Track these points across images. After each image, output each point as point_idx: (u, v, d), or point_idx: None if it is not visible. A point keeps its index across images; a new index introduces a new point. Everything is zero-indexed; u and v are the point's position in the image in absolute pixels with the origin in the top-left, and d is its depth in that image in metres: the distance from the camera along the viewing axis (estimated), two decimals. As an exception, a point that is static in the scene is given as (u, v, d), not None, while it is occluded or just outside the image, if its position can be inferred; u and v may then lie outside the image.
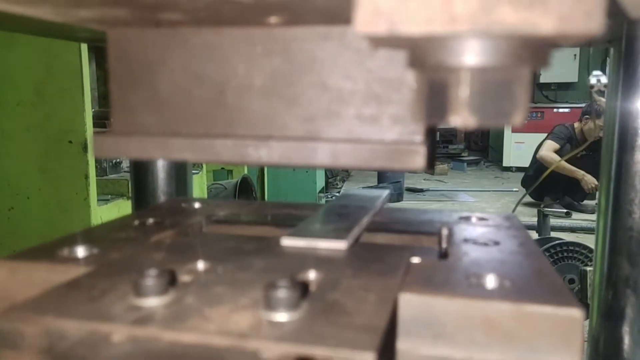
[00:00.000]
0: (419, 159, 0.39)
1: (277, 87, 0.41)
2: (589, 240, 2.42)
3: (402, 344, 0.37)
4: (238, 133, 0.42)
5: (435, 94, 0.31)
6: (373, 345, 0.29)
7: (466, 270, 0.43)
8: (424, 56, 0.30)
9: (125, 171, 2.62)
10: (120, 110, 0.44)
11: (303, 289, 0.34)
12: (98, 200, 1.98)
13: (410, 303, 0.37)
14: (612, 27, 0.87)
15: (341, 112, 0.41)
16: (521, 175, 5.42)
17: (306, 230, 0.52)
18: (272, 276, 0.39)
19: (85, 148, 1.22)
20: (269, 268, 0.42)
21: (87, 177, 1.27)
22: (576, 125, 4.53)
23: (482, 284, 0.39)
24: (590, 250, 2.36)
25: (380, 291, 0.36)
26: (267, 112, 0.42)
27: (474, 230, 0.58)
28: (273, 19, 0.40)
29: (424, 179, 6.80)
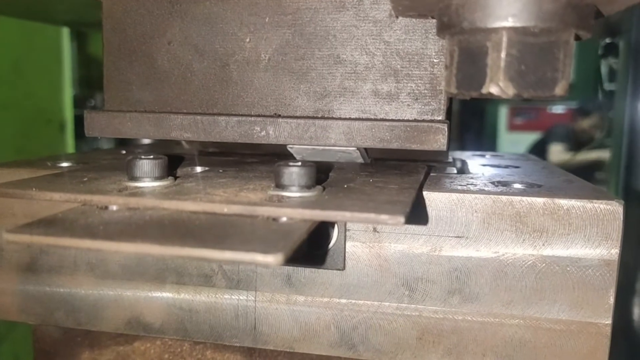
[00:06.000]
0: (441, 139, 0.36)
1: (286, 61, 0.38)
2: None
3: (424, 246, 0.34)
4: (243, 111, 0.39)
5: (468, 61, 0.27)
6: (402, 211, 0.25)
7: (490, 179, 0.39)
8: (457, 19, 0.27)
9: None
10: (115, 85, 0.41)
11: (316, 172, 0.30)
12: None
13: (432, 202, 0.34)
14: (622, 14, 0.84)
15: (356, 89, 0.37)
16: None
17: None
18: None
19: (62, 128, 1.15)
20: None
21: (63, 158, 1.20)
22: (571, 125, 4.53)
23: (510, 187, 0.36)
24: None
25: (401, 183, 0.32)
26: (274, 88, 0.39)
27: (490, 160, 0.54)
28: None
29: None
